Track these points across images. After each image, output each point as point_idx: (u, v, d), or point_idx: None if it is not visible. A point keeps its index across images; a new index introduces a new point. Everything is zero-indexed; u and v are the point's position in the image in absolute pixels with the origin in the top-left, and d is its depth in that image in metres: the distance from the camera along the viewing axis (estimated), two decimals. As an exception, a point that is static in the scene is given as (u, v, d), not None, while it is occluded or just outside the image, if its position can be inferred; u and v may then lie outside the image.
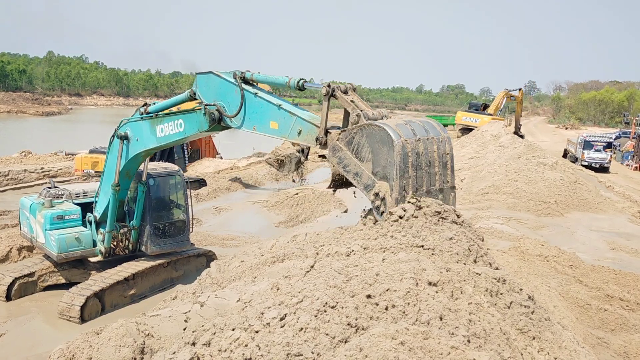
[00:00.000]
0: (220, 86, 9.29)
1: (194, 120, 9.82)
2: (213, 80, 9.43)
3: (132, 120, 11.26)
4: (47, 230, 11.69)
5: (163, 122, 10.45)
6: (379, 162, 7.11)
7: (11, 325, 10.30)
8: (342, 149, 7.50)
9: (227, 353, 5.36)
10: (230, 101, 9.10)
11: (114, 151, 11.64)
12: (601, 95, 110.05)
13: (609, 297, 11.44)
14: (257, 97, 8.78)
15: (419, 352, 5.06)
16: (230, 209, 20.60)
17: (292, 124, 8.48)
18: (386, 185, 7.06)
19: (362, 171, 7.27)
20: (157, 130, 10.59)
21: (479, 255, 8.35)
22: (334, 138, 7.63)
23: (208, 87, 9.53)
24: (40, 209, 11.90)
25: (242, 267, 10.15)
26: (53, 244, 11.62)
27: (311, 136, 8.19)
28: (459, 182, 24.37)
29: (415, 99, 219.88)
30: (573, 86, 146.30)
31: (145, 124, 10.86)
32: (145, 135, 10.88)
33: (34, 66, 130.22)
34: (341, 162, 7.63)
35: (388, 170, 7.01)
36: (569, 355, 6.58)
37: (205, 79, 9.60)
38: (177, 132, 10.24)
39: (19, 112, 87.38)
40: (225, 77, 9.19)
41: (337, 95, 7.98)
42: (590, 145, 39.30)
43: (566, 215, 18.58)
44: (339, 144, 7.55)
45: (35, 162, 28.92)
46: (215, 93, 9.38)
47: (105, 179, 12.11)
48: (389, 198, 7.04)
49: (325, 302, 5.93)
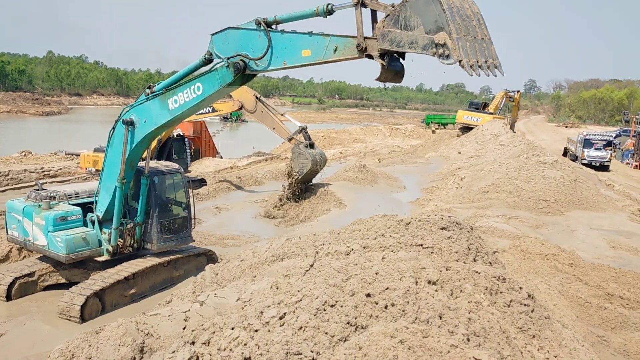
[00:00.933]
0: (242, 37, 9.68)
1: (214, 78, 10.13)
2: (232, 34, 9.85)
3: (135, 104, 11.32)
4: (51, 232, 11.55)
5: (176, 94, 10.65)
6: (429, 21, 7.77)
7: (11, 325, 10.30)
8: (391, 31, 8.17)
9: (226, 352, 5.36)
10: (255, 47, 9.51)
11: (116, 142, 11.65)
12: (601, 94, 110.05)
13: (609, 295, 11.43)
14: (284, 33, 9.27)
15: (418, 350, 5.05)
16: (230, 208, 20.59)
17: (327, 44, 8.86)
18: (443, 33, 7.63)
19: (416, 37, 7.95)
20: (170, 104, 10.75)
21: (478, 253, 8.35)
22: (379, 27, 8.27)
23: (227, 43, 9.89)
24: (39, 211, 11.75)
25: (241, 266, 10.14)
26: (60, 245, 11.50)
27: (348, 48, 8.63)
28: (459, 181, 24.38)
29: (415, 98, 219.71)
30: (573, 84, 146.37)
31: (153, 102, 10.97)
32: (155, 114, 11.00)
33: (33, 66, 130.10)
34: (394, 42, 8.18)
35: (440, 21, 7.66)
36: (569, 353, 6.58)
37: (223, 36, 9.97)
38: (195, 97, 10.45)
39: (19, 112, 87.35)
40: (245, 26, 9.64)
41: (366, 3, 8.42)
42: (590, 143, 39.31)
43: (566, 214, 18.57)
44: (387, 28, 8.21)
45: (35, 162, 28.92)
46: (237, 45, 9.75)
47: (106, 176, 12.05)
48: (449, 41, 7.56)
49: (325, 300, 5.92)
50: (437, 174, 30.19)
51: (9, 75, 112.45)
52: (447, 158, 36.24)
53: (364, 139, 56.65)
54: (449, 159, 35.74)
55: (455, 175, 26.79)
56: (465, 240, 8.47)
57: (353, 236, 9.48)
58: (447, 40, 7.57)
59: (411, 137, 62.22)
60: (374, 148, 47.58)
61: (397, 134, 64.01)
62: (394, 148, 47.37)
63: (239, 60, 9.61)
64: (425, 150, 42.86)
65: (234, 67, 9.67)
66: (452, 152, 37.58)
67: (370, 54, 8.49)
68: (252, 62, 9.61)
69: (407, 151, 44.33)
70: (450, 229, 8.68)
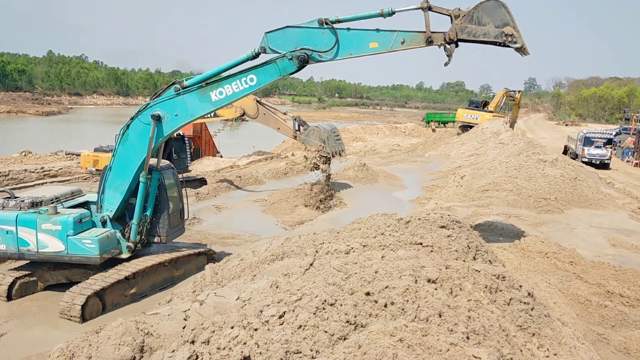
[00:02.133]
0: (302, 34, 11.32)
1: (272, 69, 11.41)
2: (291, 32, 11.38)
3: (161, 100, 11.69)
4: (71, 236, 11.49)
5: (221, 86, 11.53)
6: (497, 19, 11.13)
7: (12, 325, 10.31)
8: (468, 26, 11.21)
9: (225, 351, 5.36)
10: (317, 42, 11.26)
11: (131, 139, 11.82)
12: (601, 92, 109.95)
13: (609, 293, 11.43)
14: (350, 30, 11.26)
15: (417, 349, 5.06)
16: (231, 207, 20.59)
17: (394, 38, 11.24)
18: (510, 27, 11.03)
19: (488, 30, 11.15)
20: (212, 96, 11.56)
21: (478, 251, 8.35)
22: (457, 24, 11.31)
23: (284, 39, 11.36)
24: (48, 217, 11.50)
25: (241, 265, 10.15)
26: (91, 247, 11.48)
27: (415, 40, 11.30)
28: (459, 180, 24.39)
29: (415, 97, 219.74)
30: (573, 82, 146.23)
31: (189, 96, 11.61)
32: (192, 106, 11.65)
33: (33, 66, 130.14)
34: (470, 34, 11.26)
35: (505, 19, 11.11)
36: (569, 351, 6.58)
37: (281, 34, 11.40)
38: (247, 87, 11.52)
39: (19, 112, 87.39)
40: (307, 25, 11.34)
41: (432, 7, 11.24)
42: (590, 141, 39.25)
43: (566, 212, 18.57)
44: (464, 24, 11.24)
45: (35, 162, 28.92)
46: (296, 41, 11.30)
47: (115, 174, 12.07)
48: (515, 32, 11.01)
49: (324, 299, 5.93)
50: (437, 173, 30.19)
51: (9, 75, 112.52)
52: (447, 156, 36.24)
53: (364, 137, 56.63)
54: (449, 157, 35.74)
55: (455, 173, 26.80)
56: (465, 239, 8.48)
57: (353, 235, 9.49)
58: (514, 32, 11.06)
59: (411, 135, 62.20)
60: (374, 147, 47.59)
61: (397, 133, 63.99)
62: (394, 147, 47.36)
63: (303, 53, 11.17)
64: (426, 149, 42.86)
65: (298, 59, 11.20)
66: (452, 151, 37.58)
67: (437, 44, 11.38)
68: (315, 54, 11.25)
69: (407, 150, 44.32)
70: (449, 227, 8.69)
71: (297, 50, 11.21)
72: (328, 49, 11.17)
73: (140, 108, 11.83)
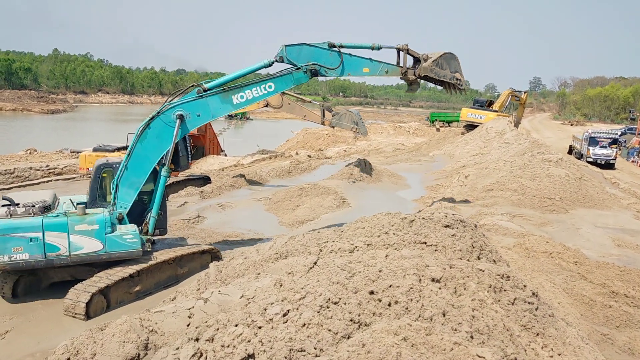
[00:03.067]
0: (315, 52, 13.46)
1: (288, 79, 13.45)
2: (306, 49, 13.46)
3: (185, 101, 12.60)
4: (109, 234, 11.61)
5: (242, 90, 13.02)
6: (452, 67, 14.96)
7: (17, 322, 10.35)
8: (434, 68, 14.69)
9: (230, 348, 5.37)
10: (325, 61, 13.58)
11: (149, 137, 12.29)
12: (607, 92, 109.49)
13: (614, 293, 11.39)
14: (352, 56, 13.84)
15: (421, 347, 5.05)
16: (235, 205, 20.62)
17: (381, 67, 14.32)
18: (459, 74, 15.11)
19: (446, 73, 14.91)
20: (234, 99, 12.98)
21: (482, 251, 8.34)
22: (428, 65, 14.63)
23: (300, 54, 13.37)
24: (81, 218, 11.40)
25: (245, 263, 10.16)
26: (133, 242, 11.76)
27: (395, 72, 14.53)
28: (463, 179, 24.34)
29: (420, 96, 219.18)
30: (578, 82, 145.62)
31: (212, 98, 12.81)
32: (214, 107, 12.90)
33: (39, 64, 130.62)
34: (435, 74, 14.72)
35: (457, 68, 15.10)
36: (573, 351, 6.56)
37: (298, 49, 13.41)
38: (266, 93, 13.32)
39: (24, 110, 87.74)
40: (319, 46, 13.55)
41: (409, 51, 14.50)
42: (595, 141, 39.06)
43: (571, 212, 18.52)
44: (432, 67, 14.66)
45: (40, 159, 29.04)
46: (309, 57, 13.42)
47: (130, 171, 12.27)
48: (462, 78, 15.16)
49: (328, 298, 5.93)
50: (442, 172, 30.15)
51: (14, 73, 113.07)
52: (451, 156, 36.18)
53: (368, 137, 56.58)
54: (454, 156, 35.68)
55: (459, 173, 26.75)
56: (469, 238, 8.47)
57: (357, 234, 9.49)
58: (461, 78, 15.17)
59: (415, 135, 62.14)
60: (378, 146, 47.56)
61: (401, 132, 63.95)
62: (398, 146, 47.33)
63: (314, 68, 13.41)
64: (430, 148, 42.80)
65: (310, 72, 13.41)
66: (456, 150, 37.52)
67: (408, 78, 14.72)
68: (323, 70, 13.59)
69: (411, 149, 44.28)
70: (454, 226, 8.68)
71: (310, 65, 13.33)
72: (334, 68, 13.63)
73: (160, 109, 12.47)
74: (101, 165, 12.85)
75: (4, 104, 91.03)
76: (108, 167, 12.84)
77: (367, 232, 9.26)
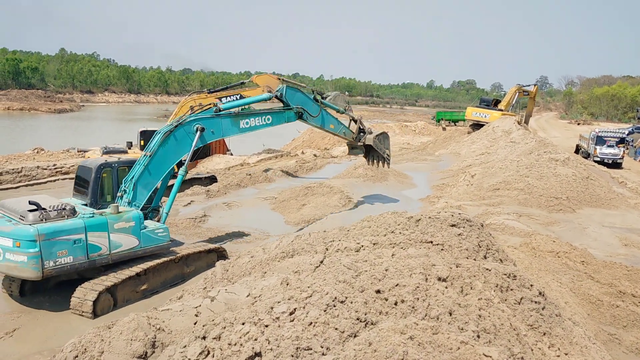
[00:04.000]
0: (304, 99, 16.09)
1: (282, 116, 15.64)
2: (299, 94, 16.00)
3: (201, 117, 13.72)
4: (144, 229, 11.97)
5: (249, 117, 14.73)
6: (386, 145, 19.28)
7: (25, 320, 10.42)
8: (376, 141, 18.78)
9: (236, 347, 5.39)
10: (309, 108, 16.22)
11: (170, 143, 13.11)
12: (614, 90, 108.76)
13: (621, 293, 11.34)
14: (325, 111, 16.92)
15: (428, 346, 5.06)
16: (241, 204, 20.67)
17: (342, 128, 18.02)
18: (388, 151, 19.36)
19: (383, 149, 19.00)
20: (241, 123, 14.59)
21: (489, 250, 8.32)
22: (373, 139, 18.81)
23: (293, 97, 15.83)
24: (119, 216, 11.56)
25: (252, 262, 10.19)
26: (163, 235, 12.38)
27: (349, 135, 18.45)
28: (470, 179, 24.28)
29: (426, 95, 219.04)
30: (585, 81, 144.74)
31: (225, 119, 14.24)
32: (225, 128, 14.33)
33: (46, 64, 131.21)
34: (376, 146, 18.73)
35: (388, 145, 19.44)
36: (580, 351, 6.55)
37: (293, 92, 15.85)
38: (264, 124, 15.25)
39: (31, 110, 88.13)
40: (307, 95, 16.20)
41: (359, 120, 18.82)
42: (602, 140, 38.83)
43: (578, 211, 18.45)
44: (374, 139, 18.80)
45: (47, 159, 29.18)
46: (299, 101, 15.93)
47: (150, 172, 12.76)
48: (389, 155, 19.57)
49: (335, 297, 5.94)
50: (448, 171, 30.08)
51: (22, 73, 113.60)
52: (457, 155, 36.10)
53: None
54: (460, 156, 35.59)
55: (465, 172, 26.69)
56: (476, 238, 8.45)
57: (363, 233, 9.49)
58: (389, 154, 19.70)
59: (421, 134, 62.00)
60: (384, 145, 47.40)
61: (407, 131, 63.81)
62: (404, 145, 47.24)
63: (301, 110, 15.88)
64: (436, 148, 42.71)
65: (298, 114, 15.82)
66: (462, 149, 37.41)
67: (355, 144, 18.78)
68: (306, 114, 16.08)
69: (417, 148, 44.19)
70: (460, 226, 8.66)
71: (299, 108, 15.79)
72: (314, 116, 16.29)
73: (181, 119, 13.52)
74: (101, 165, 13.01)
75: (12, 103, 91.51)
76: (108, 167, 12.99)
77: (373, 231, 9.27)
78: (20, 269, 10.21)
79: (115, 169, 13.18)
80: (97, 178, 12.79)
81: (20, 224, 10.33)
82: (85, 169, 13.16)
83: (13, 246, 10.12)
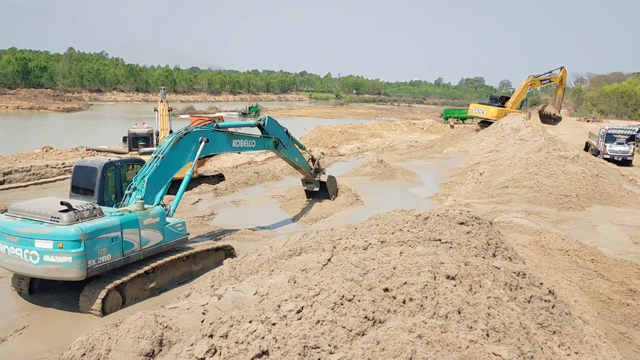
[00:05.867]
0: (280, 131, 17.72)
1: (263, 143, 17.07)
2: (277, 125, 17.65)
3: (205, 129, 14.68)
4: (166, 225, 12.19)
5: (240, 138, 16.04)
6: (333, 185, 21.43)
7: (34, 318, 10.47)
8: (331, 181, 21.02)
9: (244, 345, 5.37)
10: (283, 139, 17.78)
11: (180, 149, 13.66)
12: (624, 87, 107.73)
13: (632, 291, 11.23)
14: (294, 144, 18.66)
15: (436, 345, 5.01)
16: (248, 203, 20.68)
17: (304, 162, 19.61)
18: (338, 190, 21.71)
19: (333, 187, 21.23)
20: (233, 143, 15.81)
21: (498, 248, 8.25)
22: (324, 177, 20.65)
23: (273, 127, 17.45)
24: (146, 212, 11.66)
25: (259, 260, 10.17)
26: (181, 230, 12.70)
27: (308, 172, 20.11)
28: (478, 176, 24.14)
29: (434, 93, 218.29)
30: (595, 78, 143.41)
31: (222, 136, 15.28)
32: (221, 143, 15.35)
33: (54, 63, 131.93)
34: (329, 182, 20.73)
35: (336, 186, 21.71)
36: (590, 350, 6.47)
37: (272, 122, 17.50)
38: (250, 147, 16.73)
39: (40, 109, 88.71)
40: (283, 128, 17.87)
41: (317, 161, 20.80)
42: (612, 138, 38.48)
43: (588, 209, 18.30)
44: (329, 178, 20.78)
45: (56, 157, 29.34)
46: (276, 132, 17.52)
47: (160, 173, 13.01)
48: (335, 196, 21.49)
49: (342, 295, 5.90)
50: (456, 169, 29.95)
51: (31, 72, 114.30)
52: (465, 153, 35.92)
53: (381, 134, 56.43)
54: (468, 153, 35.42)
55: (474, 170, 26.55)
56: (485, 235, 8.39)
57: (371, 231, 9.44)
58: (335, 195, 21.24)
59: (429, 132, 61.81)
60: (392, 143, 47.38)
61: (415, 129, 63.64)
62: (412, 143, 47.10)
63: (277, 140, 17.39)
64: (444, 145, 42.53)
65: (274, 143, 17.36)
66: (471, 147, 37.23)
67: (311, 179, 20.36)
68: (280, 144, 17.59)
69: (425, 146, 44.04)
70: (469, 223, 8.60)
71: (276, 138, 17.36)
72: (287, 147, 17.88)
73: (188, 128, 14.33)
74: (106, 164, 13.15)
75: (21, 102, 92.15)
76: (112, 166, 13.12)
77: (381, 229, 9.22)
78: (63, 270, 10.09)
79: (119, 168, 13.34)
80: (103, 177, 12.89)
81: (56, 225, 10.12)
82: (88, 169, 13.24)
83: (54, 248, 9.93)
